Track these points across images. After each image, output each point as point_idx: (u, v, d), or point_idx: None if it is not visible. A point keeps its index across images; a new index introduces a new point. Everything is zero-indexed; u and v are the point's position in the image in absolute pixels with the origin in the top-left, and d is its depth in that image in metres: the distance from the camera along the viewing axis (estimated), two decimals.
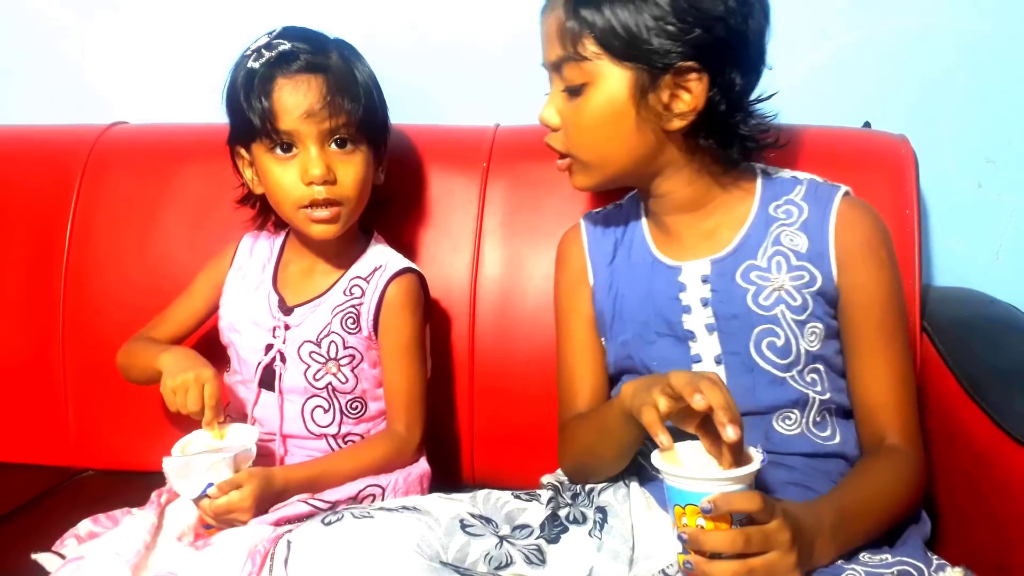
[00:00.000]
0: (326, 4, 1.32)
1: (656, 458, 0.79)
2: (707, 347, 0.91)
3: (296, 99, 0.99)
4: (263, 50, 1.02)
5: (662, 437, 0.77)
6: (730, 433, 0.75)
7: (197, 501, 0.95)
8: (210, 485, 0.93)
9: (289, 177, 1.01)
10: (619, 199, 1.04)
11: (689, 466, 0.79)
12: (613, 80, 0.87)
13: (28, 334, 1.26)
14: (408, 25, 1.32)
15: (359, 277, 1.07)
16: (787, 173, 0.97)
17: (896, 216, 1.07)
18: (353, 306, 1.06)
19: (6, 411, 1.26)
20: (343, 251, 1.09)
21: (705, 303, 0.92)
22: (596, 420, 0.93)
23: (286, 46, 1.01)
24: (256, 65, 1.01)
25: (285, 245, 1.12)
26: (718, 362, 0.91)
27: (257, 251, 1.13)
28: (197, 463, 0.93)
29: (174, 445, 0.98)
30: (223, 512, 0.94)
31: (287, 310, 1.07)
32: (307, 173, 1.00)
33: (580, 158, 0.92)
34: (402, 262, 1.09)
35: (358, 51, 1.08)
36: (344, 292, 1.07)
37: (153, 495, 1.03)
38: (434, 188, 1.21)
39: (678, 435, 0.85)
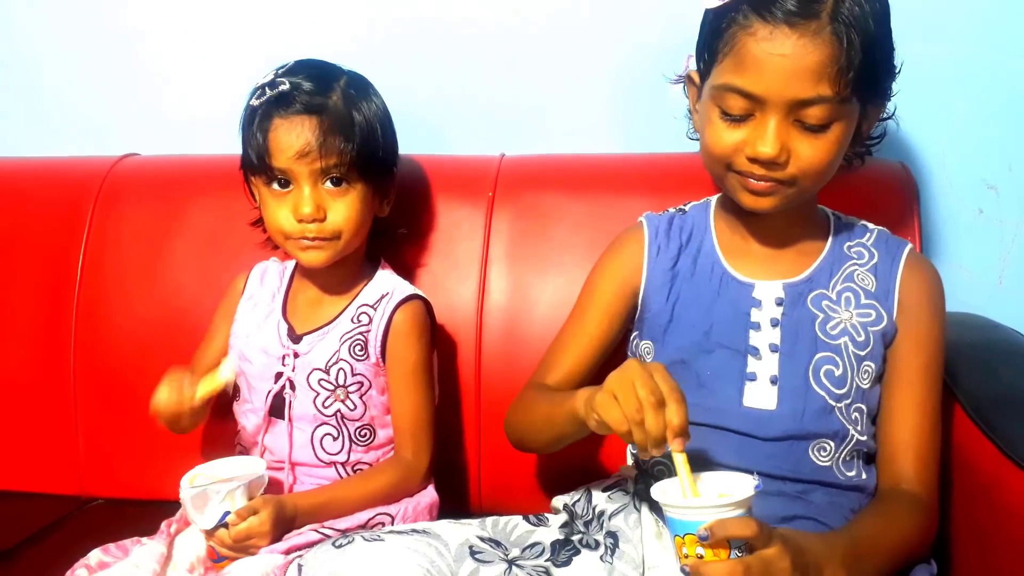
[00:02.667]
0: (332, 36, 1.34)
1: (655, 490, 0.80)
2: (766, 366, 0.93)
3: (290, 139, 1.02)
4: (266, 88, 1.04)
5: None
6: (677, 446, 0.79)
7: (212, 532, 0.96)
8: (227, 514, 0.94)
9: (283, 212, 1.04)
10: (682, 204, 1.05)
11: (687, 496, 0.79)
12: (853, 116, 0.89)
13: (39, 363, 1.27)
14: (413, 56, 1.34)
15: (366, 304, 1.09)
16: (856, 220, 1.01)
17: None
18: (361, 333, 1.07)
19: (18, 440, 1.27)
20: (350, 279, 1.11)
21: (775, 323, 0.94)
22: (548, 404, 0.96)
23: (286, 86, 1.03)
24: (256, 103, 1.05)
25: (294, 274, 1.14)
26: (772, 382, 0.93)
27: (267, 280, 1.15)
28: (213, 492, 0.94)
29: (182, 479, 0.98)
30: (243, 538, 0.94)
31: (296, 338, 1.08)
32: (298, 211, 1.02)
33: (804, 185, 0.90)
34: (409, 289, 1.10)
35: (367, 86, 1.10)
36: (352, 320, 1.08)
37: (163, 525, 1.04)
38: (440, 217, 1.22)
39: (699, 468, 0.86)
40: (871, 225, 1.01)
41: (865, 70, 0.87)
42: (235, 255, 1.20)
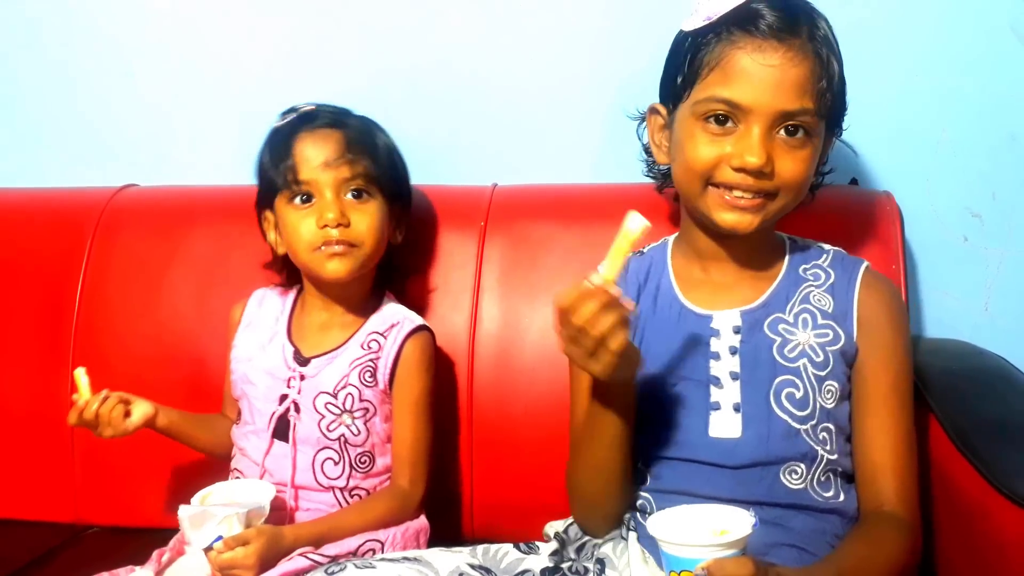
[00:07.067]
0: (328, 66, 1.37)
1: (651, 524, 0.81)
2: (728, 394, 0.94)
3: (315, 150, 1.07)
4: (288, 113, 1.11)
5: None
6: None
7: (207, 551, 0.97)
8: (219, 538, 0.95)
9: (307, 224, 1.07)
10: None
11: (684, 532, 0.80)
12: (822, 137, 0.94)
13: (37, 391, 1.28)
14: (406, 87, 1.36)
15: (376, 332, 1.11)
16: (812, 242, 1.03)
17: (883, 271, 1.09)
18: (371, 360, 1.09)
19: (14, 468, 1.28)
20: (359, 305, 1.13)
21: (733, 351, 0.95)
22: (582, 438, 0.96)
23: (310, 108, 1.11)
24: (281, 124, 1.11)
25: (298, 299, 1.16)
26: (736, 409, 0.93)
27: (267, 304, 1.16)
28: (210, 514, 0.96)
29: (195, 495, 1.00)
30: (226, 567, 0.95)
31: (303, 361, 1.10)
32: (323, 217, 1.06)
33: (784, 201, 0.93)
34: (418, 320, 1.13)
35: (380, 126, 1.16)
36: (362, 346, 1.10)
37: (154, 553, 1.04)
38: (433, 246, 1.24)
39: (675, 500, 0.88)
40: (827, 246, 1.02)
41: (838, 90, 0.92)
42: (233, 285, 1.21)
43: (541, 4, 1.33)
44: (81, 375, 1.05)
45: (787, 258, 0.99)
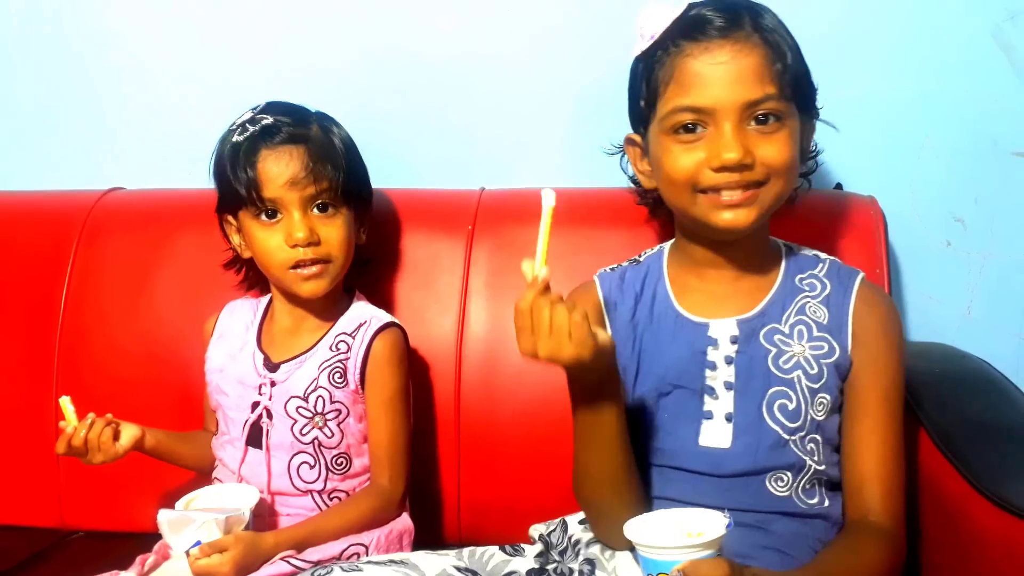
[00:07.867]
0: (314, 70, 1.37)
1: (627, 529, 0.81)
2: (722, 404, 0.94)
3: (279, 168, 1.06)
4: (247, 124, 1.09)
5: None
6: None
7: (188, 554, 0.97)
8: (198, 543, 0.95)
9: (275, 241, 1.07)
10: (636, 255, 1.06)
11: (660, 535, 0.80)
12: (797, 121, 0.93)
13: (21, 395, 1.27)
14: (395, 92, 1.37)
15: (344, 333, 1.11)
16: (808, 251, 1.02)
17: (867, 275, 1.09)
18: (340, 361, 1.09)
19: None
20: (328, 309, 1.13)
21: (729, 361, 0.94)
22: (577, 439, 0.91)
23: (268, 120, 1.08)
24: (240, 139, 1.08)
25: (269, 307, 1.16)
26: (728, 419, 0.93)
27: (238, 314, 1.17)
28: (189, 519, 0.96)
29: (180, 499, 1.00)
30: (203, 573, 0.95)
31: (273, 367, 1.10)
32: (291, 237, 1.06)
33: (776, 187, 0.91)
34: (386, 317, 1.13)
35: (335, 120, 1.14)
36: (330, 348, 1.10)
37: (138, 559, 1.04)
38: (421, 250, 1.24)
39: (661, 506, 0.88)
40: (823, 255, 1.01)
41: (797, 72, 0.93)
42: (218, 289, 1.21)
43: (529, 10, 1.34)
44: (67, 403, 1.04)
45: (783, 266, 0.99)
